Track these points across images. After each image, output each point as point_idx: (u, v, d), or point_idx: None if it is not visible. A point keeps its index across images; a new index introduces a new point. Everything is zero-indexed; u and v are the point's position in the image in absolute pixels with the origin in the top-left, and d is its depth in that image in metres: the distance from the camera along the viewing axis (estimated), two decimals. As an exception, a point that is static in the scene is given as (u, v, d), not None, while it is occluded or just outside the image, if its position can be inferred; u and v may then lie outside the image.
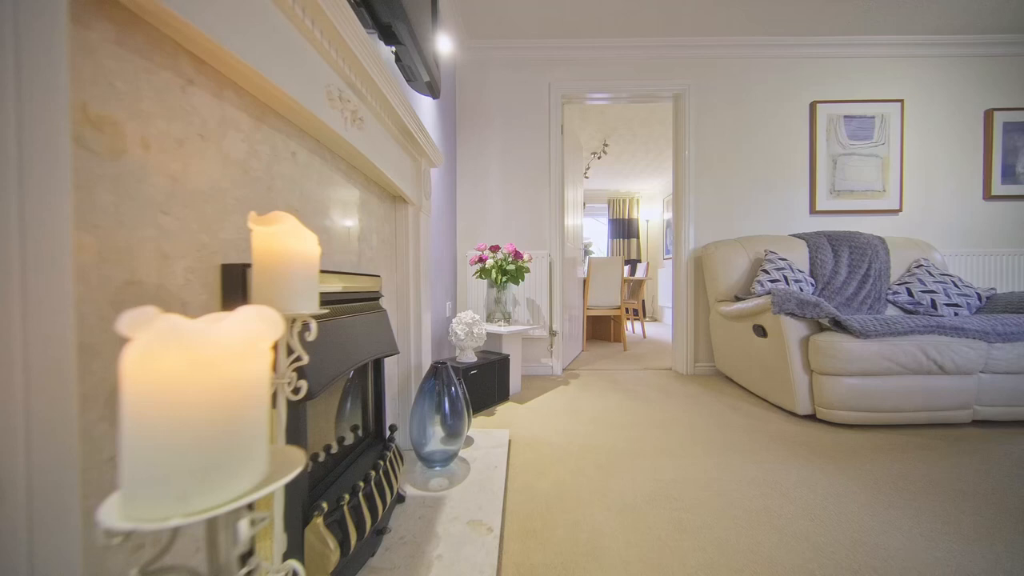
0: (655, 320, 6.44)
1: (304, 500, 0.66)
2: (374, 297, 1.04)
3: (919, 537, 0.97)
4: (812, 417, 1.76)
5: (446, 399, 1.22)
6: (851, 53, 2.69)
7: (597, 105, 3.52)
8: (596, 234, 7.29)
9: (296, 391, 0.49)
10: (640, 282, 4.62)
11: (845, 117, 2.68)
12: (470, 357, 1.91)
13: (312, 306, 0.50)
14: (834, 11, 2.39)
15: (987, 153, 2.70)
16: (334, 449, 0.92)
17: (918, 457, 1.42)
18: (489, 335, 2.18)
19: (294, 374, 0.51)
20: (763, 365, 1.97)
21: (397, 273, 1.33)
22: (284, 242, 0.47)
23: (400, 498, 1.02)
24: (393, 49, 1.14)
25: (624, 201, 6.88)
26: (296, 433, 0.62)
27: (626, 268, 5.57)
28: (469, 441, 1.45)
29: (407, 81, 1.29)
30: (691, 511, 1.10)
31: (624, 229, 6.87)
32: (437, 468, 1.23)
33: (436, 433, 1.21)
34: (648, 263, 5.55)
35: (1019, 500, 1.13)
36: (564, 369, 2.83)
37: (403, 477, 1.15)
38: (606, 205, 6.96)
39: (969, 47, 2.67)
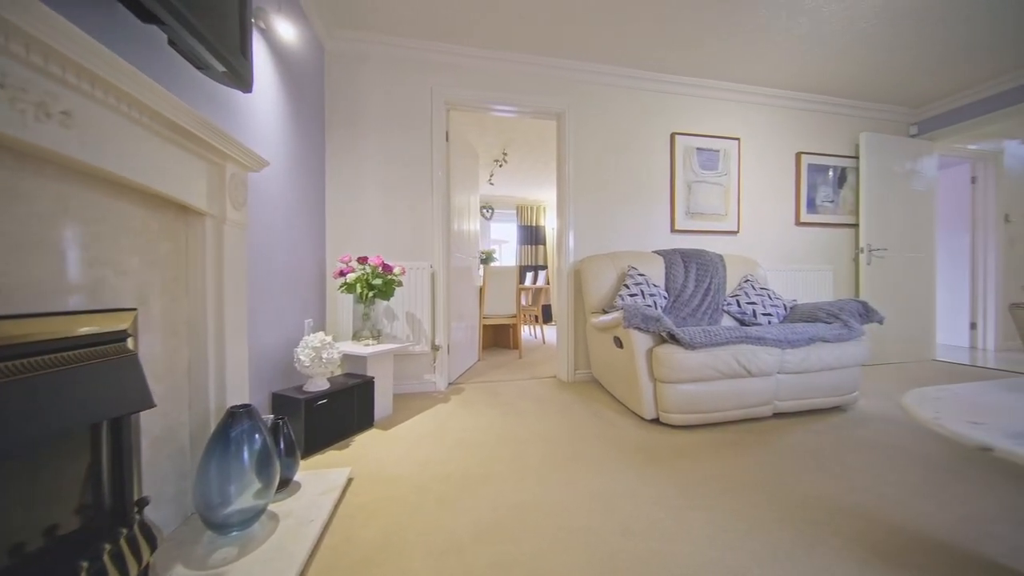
0: (560, 323, 6.74)
1: None
2: (115, 339, 0.81)
3: (704, 540, 1.08)
4: (657, 421, 1.94)
5: (245, 449, 1.04)
6: (703, 93, 3.09)
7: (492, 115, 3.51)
8: (513, 239, 7.34)
9: None
10: (540, 289, 4.77)
11: (697, 149, 3.07)
12: (321, 384, 1.70)
13: None
14: (690, 54, 2.70)
15: (797, 187, 3.32)
16: (32, 547, 0.69)
17: (729, 452, 1.63)
18: (350, 357, 1.99)
19: None
20: (622, 373, 2.12)
21: (188, 299, 1.10)
22: None
23: (153, 589, 0.82)
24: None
25: (531, 208, 7.09)
26: None
27: (530, 275, 5.72)
28: (295, 488, 1.27)
29: (199, 69, 1.07)
30: (519, 542, 1.08)
31: (532, 236, 7.08)
32: (235, 533, 1.04)
33: (235, 492, 1.02)
34: (550, 270, 5.79)
35: (783, 489, 1.35)
36: (451, 383, 2.75)
37: (172, 557, 0.94)
38: (515, 211, 7.10)
39: (786, 99, 3.26)
